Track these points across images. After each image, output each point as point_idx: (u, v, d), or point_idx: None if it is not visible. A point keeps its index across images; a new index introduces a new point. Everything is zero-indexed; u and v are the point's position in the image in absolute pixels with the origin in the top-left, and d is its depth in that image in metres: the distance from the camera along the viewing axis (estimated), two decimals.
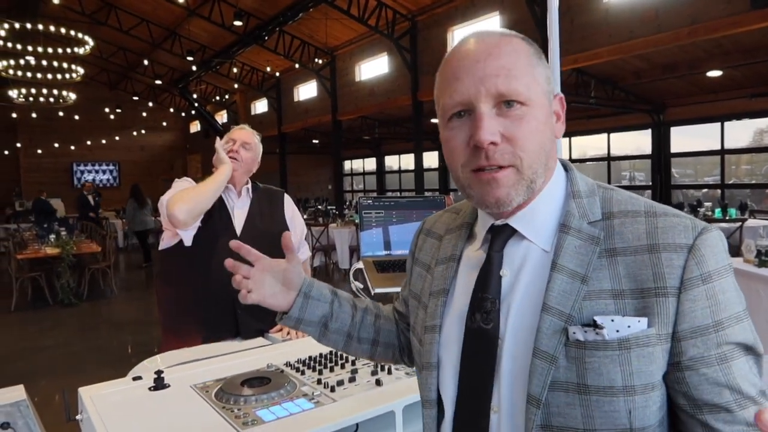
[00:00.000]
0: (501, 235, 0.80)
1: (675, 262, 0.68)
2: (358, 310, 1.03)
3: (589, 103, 10.05)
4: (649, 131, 11.78)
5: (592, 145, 13.39)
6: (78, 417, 1.45)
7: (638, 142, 12.44)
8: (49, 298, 7.42)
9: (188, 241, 2.00)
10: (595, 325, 0.68)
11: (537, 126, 0.74)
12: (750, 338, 0.70)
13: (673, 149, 11.61)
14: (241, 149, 2.15)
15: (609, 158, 12.73)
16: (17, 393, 1.78)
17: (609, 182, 12.65)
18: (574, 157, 13.22)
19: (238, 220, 2.14)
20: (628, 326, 0.68)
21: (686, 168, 12.39)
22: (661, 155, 11.59)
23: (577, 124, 11.95)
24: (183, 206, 1.89)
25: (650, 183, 12.07)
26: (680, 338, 0.68)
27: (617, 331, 0.68)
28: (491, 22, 11.00)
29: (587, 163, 13.74)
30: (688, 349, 0.68)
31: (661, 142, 11.54)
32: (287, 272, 0.96)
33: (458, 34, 11.80)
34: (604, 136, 12.64)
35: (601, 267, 0.71)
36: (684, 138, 11.57)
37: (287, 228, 2.23)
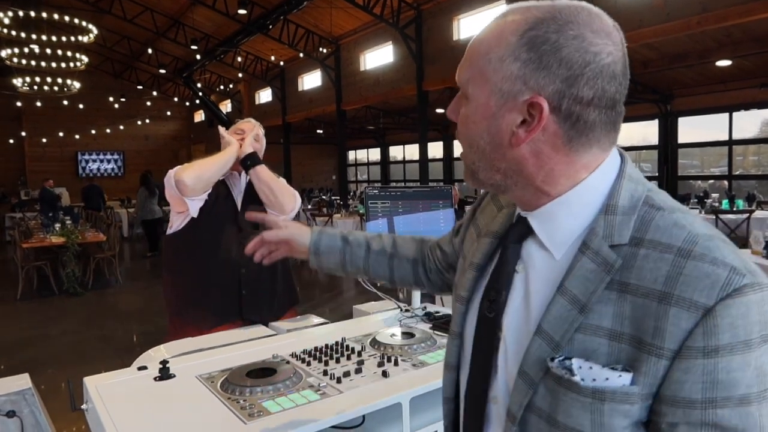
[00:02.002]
0: (518, 228, 0.77)
1: (682, 323, 0.59)
2: (371, 252, 1.15)
3: None
4: (656, 121, 11.69)
5: None
6: (83, 406, 1.44)
7: (645, 132, 12.35)
8: (55, 287, 7.46)
9: (195, 212, 2.02)
10: (570, 368, 0.64)
11: (469, 123, 0.72)
12: (750, 423, 0.58)
13: (680, 140, 11.53)
14: (245, 136, 2.16)
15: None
16: (23, 381, 1.79)
17: None
18: None
19: (240, 201, 2.18)
20: (606, 379, 0.62)
21: (693, 159, 12.31)
22: (668, 146, 11.51)
23: None
24: (190, 172, 1.95)
25: (657, 174, 11.99)
26: (662, 401, 0.61)
27: (594, 380, 0.63)
28: (497, 12, 10.87)
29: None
30: (668, 414, 0.61)
31: (668, 132, 11.45)
32: (290, 240, 1.16)
33: (464, 23, 11.70)
34: None
35: (608, 300, 0.64)
36: (691, 128, 11.48)
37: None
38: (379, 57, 14.28)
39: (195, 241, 2.08)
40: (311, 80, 17.24)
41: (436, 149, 16.54)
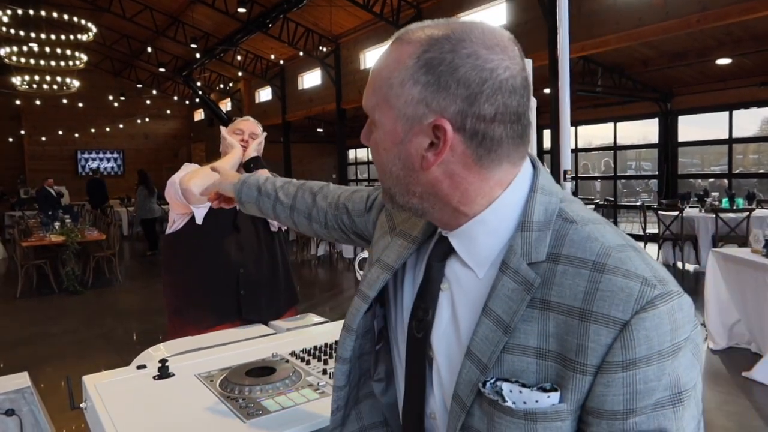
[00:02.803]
0: (440, 246, 0.76)
1: (602, 339, 0.60)
2: (278, 203, 1.15)
3: (596, 91, 9.96)
4: (656, 120, 11.68)
5: (598, 134, 13.30)
6: (82, 405, 1.44)
7: (645, 131, 12.34)
8: (54, 286, 7.45)
9: (200, 219, 2.02)
10: (501, 393, 0.65)
11: (378, 149, 0.72)
12: (667, 425, 0.61)
13: (680, 138, 11.52)
14: (249, 140, 2.15)
15: (615, 147, 12.64)
16: (21, 380, 1.78)
17: (615, 172, 12.62)
18: (579, 146, 13.12)
19: None
20: (536, 401, 0.63)
21: (693, 157, 12.30)
22: (668, 144, 11.50)
23: (583, 113, 11.85)
24: (198, 181, 1.92)
25: (657, 172, 11.99)
26: (588, 412, 0.63)
27: (524, 402, 0.64)
28: (498, 10, 10.89)
29: (593, 152, 13.65)
30: (593, 424, 0.63)
31: (668, 131, 11.45)
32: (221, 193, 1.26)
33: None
34: (611, 125, 12.54)
35: (531, 319, 0.65)
36: (691, 127, 11.47)
37: None
38: (379, 55, 14.25)
39: (194, 241, 2.07)
40: (311, 79, 17.23)
41: None
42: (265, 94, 19.78)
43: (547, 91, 8.38)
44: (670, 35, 8.03)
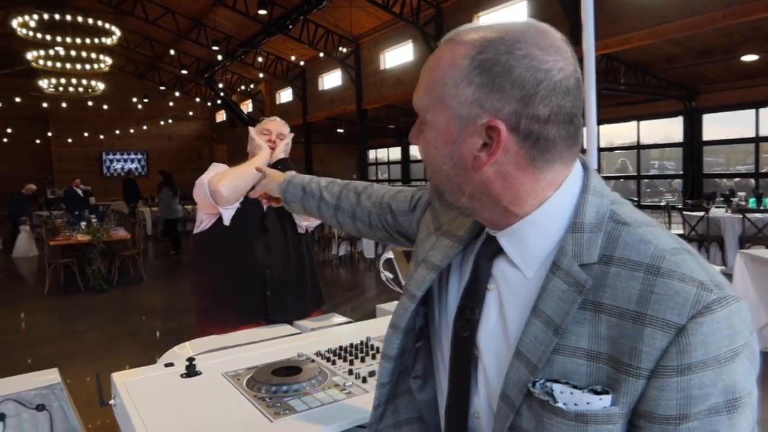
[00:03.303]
0: (489, 245, 0.76)
1: (657, 343, 0.60)
2: (322, 202, 1.18)
3: (619, 90, 9.82)
4: (680, 118, 11.48)
5: (620, 133, 13.12)
6: (111, 402, 1.46)
7: (668, 129, 12.14)
8: (81, 284, 7.60)
9: (227, 220, 2.04)
10: (552, 394, 0.65)
11: (429, 148, 0.73)
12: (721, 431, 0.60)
13: (705, 137, 11.30)
14: (276, 140, 2.17)
15: (639, 146, 12.45)
16: (52, 376, 1.81)
17: (638, 171, 12.43)
18: (602, 145, 12.95)
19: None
20: (588, 403, 0.63)
21: (718, 156, 12.06)
22: (693, 143, 11.29)
23: (606, 111, 11.70)
24: (227, 183, 1.94)
25: (681, 172, 11.78)
26: (640, 415, 0.62)
27: (576, 404, 0.63)
28: (518, 8, 10.81)
29: (616, 151, 13.47)
30: (644, 428, 0.62)
31: (692, 129, 11.24)
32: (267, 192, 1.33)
33: (484, 20, 11.59)
34: (634, 123, 12.36)
35: (583, 321, 0.65)
36: (716, 125, 11.24)
37: None
38: (399, 55, 14.26)
39: (222, 241, 2.09)
40: (331, 80, 17.30)
41: None
42: (285, 95, 19.92)
43: None
44: (695, 32, 7.88)
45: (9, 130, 20.46)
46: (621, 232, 0.67)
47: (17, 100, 19.24)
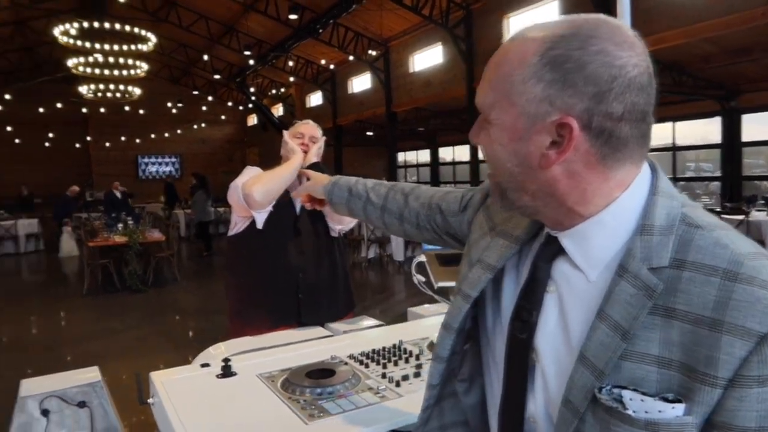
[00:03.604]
0: (549, 246, 0.74)
1: (736, 351, 0.57)
2: (368, 203, 1.17)
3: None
4: (717, 119, 11.13)
5: (655, 134, 12.73)
6: (150, 400, 1.49)
7: (705, 130, 11.79)
8: (118, 284, 7.81)
9: (260, 224, 2.06)
10: (621, 401, 0.62)
11: (492, 146, 0.71)
12: None
13: (745, 138, 10.93)
14: (309, 143, 2.18)
15: (674, 148, 12.13)
16: (93, 374, 1.86)
17: (674, 174, 12.09)
18: None
19: (300, 208, 2.17)
20: (659, 411, 0.60)
21: (759, 158, 11.65)
22: (731, 144, 10.94)
23: None
24: (260, 187, 1.97)
25: (719, 174, 11.43)
26: (714, 426, 0.60)
27: (646, 412, 0.61)
28: (549, 9, 10.67)
29: (649, 153, 13.15)
30: None
31: (731, 130, 10.89)
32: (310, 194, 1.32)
33: (514, 22, 11.51)
34: (669, 125, 12.05)
35: (653, 326, 0.62)
36: (756, 126, 10.86)
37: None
38: (428, 58, 14.24)
39: (255, 244, 2.11)
40: (361, 83, 17.38)
41: None
42: (316, 99, 20.10)
43: None
44: (733, 30, 7.64)
45: (51, 135, 21.19)
46: (694, 235, 0.64)
47: (58, 105, 19.92)
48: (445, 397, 0.90)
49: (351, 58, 15.33)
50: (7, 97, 19.38)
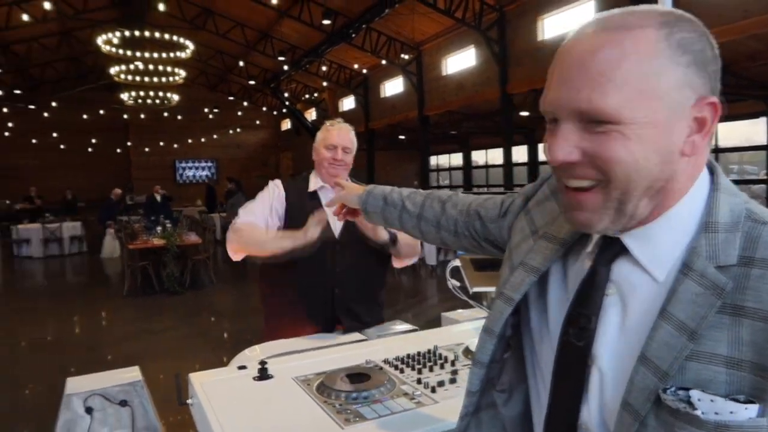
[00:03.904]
0: (610, 248, 0.71)
1: None
2: (404, 212, 1.15)
3: None
4: (762, 120, 10.74)
5: None
6: (189, 401, 1.52)
7: (749, 131, 11.38)
8: (156, 286, 8.01)
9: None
10: (689, 402, 0.59)
11: (628, 149, 0.63)
12: None
13: None
14: (343, 158, 2.11)
15: (717, 150, 11.74)
16: (134, 374, 1.91)
17: None
18: None
19: (338, 222, 2.06)
20: (731, 412, 0.57)
21: None
22: None
23: None
24: (236, 247, 2.01)
25: (764, 176, 11.00)
26: None
27: (716, 413, 0.58)
28: (585, 9, 10.48)
29: None
30: None
31: None
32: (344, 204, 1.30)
33: (549, 23, 11.36)
34: None
35: (721, 326, 0.60)
36: None
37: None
38: (461, 61, 14.18)
39: (287, 260, 2.07)
40: (393, 87, 17.42)
41: (520, 153, 16.13)
42: (348, 103, 20.25)
43: None
44: None
45: (93, 141, 21.96)
46: (761, 231, 0.62)
47: (101, 112, 20.63)
48: (483, 408, 0.88)
49: (383, 62, 15.39)
50: (54, 104, 20.21)
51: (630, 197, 0.65)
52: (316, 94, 21.57)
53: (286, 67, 17.19)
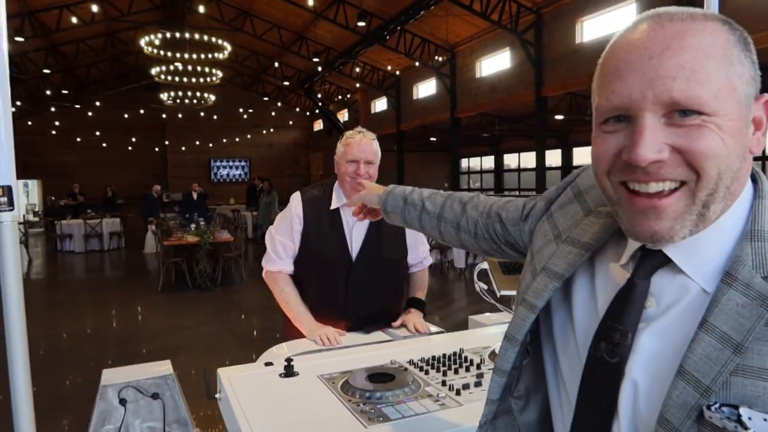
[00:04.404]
0: (650, 260, 0.67)
1: None
2: (424, 213, 1.15)
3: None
4: None
5: None
6: (217, 395, 1.55)
7: None
8: (189, 282, 8.18)
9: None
10: (738, 420, 0.55)
11: (722, 142, 0.59)
12: None
13: None
14: (364, 173, 2.04)
15: (764, 158, 11.32)
16: (165, 367, 1.96)
17: None
18: None
19: (356, 242, 2.10)
20: None
21: None
22: None
23: None
24: (272, 283, 2.27)
25: None
26: None
27: None
28: (626, 12, 10.26)
29: None
30: None
31: None
32: (365, 203, 1.30)
33: (587, 26, 11.16)
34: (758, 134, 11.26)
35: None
36: None
37: (406, 254, 2.21)
38: (495, 63, 14.06)
39: (305, 268, 2.15)
40: (426, 88, 17.40)
41: (553, 157, 15.89)
42: (380, 104, 20.30)
43: None
44: None
45: (133, 139, 22.60)
46: None
47: (141, 111, 21.22)
48: (499, 415, 0.86)
49: (417, 64, 15.37)
50: (97, 104, 20.90)
51: (715, 198, 0.61)
52: (348, 96, 21.70)
53: (319, 68, 17.35)
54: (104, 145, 22.17)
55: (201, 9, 13.16)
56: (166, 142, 23.22)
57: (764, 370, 0.56)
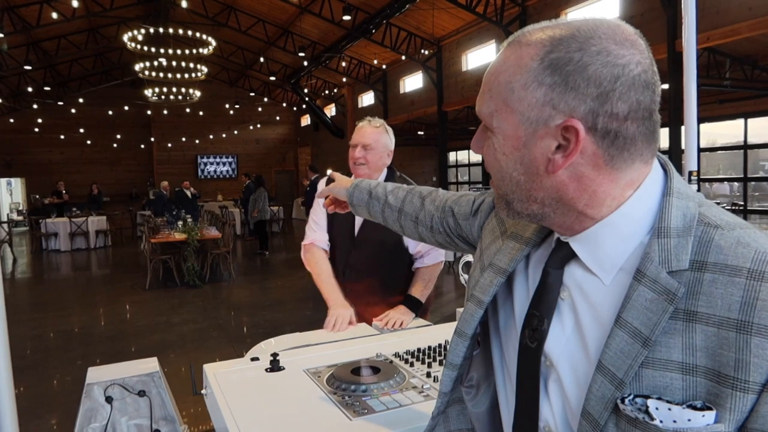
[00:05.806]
0: (559, 252, 0.73)
1: (767, 353, 0.55)
2: (386, 206, 1.18)
3: (723, 85, 9.09)
4: None
5: (724, 132, 12.15)
6: (203, 391, 1.55)
7: None
8: (177, 280, 8.13)
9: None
10: (647, 411, 0.59)
11: (495, 155, 0.70)
12: None
13: None
14: (361, 152, 2.17)
15: (746, 146, 11.47)
16: (152, 365, 1.95)
17: (745, 174, 11.43)
18: (702, 145, 12.05)
19: (359, 220, 2.21)
20: (689, 420, 0.57)
21: None
22: None
23: (706, 109, 10.89)
24: (308, 264, 2.31)
25: None
26: None
27: (674, 421, 0.58)
28: (609, 2, 10.31)
29: (718, 152, 12.49)
30: None
31: None
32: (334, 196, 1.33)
33: (572, 17, 11.18)
34: (740, 121, 11.40)
35: (674, 331, 0.60)
36: None
37: (400, 238, 2.26)
38: (481, 56, 14.07)
39: (330, 243, 2.34)
40: (413, 82, 17.37)
41: None
42: (367, 99, 20.24)
43: (665, 86, 7.79)
44: None
45: (118, 136, 22.35)
46: (713, 235, 0.62)
47: (125, 108, 20.98)
48: (450, 404, 0.90)
49: (403, 57, 15.34)
50: (80, 101, 20.63)
51: (510, 198, 0.71)
52: (335, 90, 21.62)
53: (305, 63, 17.25)
54: (89, 142, 21.92)
55: (184, 4, 13.00)
56: (152, 139, 23.00)
57: (670, 362, 0.59)
